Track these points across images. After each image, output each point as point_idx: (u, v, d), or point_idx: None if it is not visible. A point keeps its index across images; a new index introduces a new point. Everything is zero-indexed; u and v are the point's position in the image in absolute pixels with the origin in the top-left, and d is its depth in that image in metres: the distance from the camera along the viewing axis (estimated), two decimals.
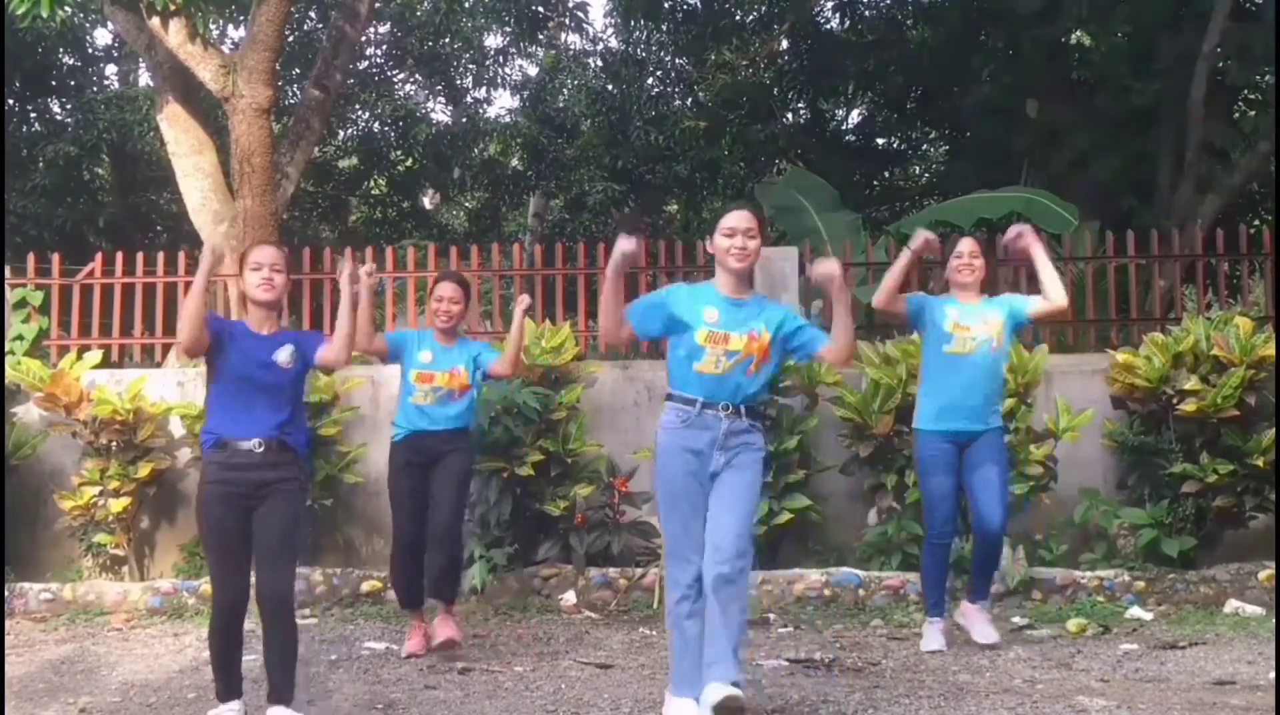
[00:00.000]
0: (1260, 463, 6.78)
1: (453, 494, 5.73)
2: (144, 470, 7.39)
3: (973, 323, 5.46)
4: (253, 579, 4.27)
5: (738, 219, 4.29)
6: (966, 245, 5.62)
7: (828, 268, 4.26)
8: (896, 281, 5.50)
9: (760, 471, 4.33)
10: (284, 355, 4.28)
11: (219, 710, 4.29)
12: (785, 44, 16.77)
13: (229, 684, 4.32)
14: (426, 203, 19.01)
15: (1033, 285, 6.09)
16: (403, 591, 5.84)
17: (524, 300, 5.99)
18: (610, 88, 16.45)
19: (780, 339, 4.30)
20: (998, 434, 5.57)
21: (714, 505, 4.21)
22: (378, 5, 13.84)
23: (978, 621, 5.65)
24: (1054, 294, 5.51)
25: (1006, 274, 8.26)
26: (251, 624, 4.30)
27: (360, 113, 16.71)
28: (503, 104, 45.31)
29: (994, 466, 5.49)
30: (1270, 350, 6.85)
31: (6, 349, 8.03)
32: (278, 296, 4.35)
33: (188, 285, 8.67)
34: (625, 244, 4.09)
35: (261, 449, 4.21)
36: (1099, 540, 7.09)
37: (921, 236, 5.61)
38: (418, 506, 5.74)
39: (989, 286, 5.75)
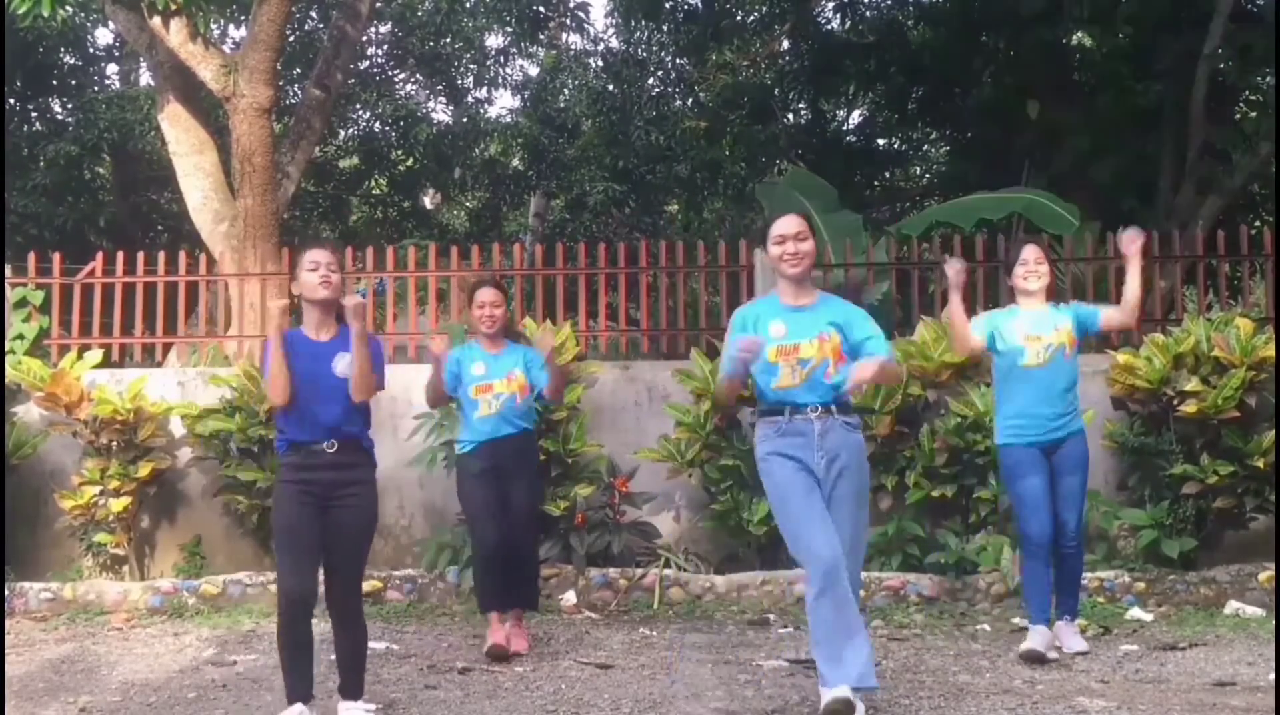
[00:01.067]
0: (1260, 464, 6.77)
1: (527, 507, 5.78)
2: (144, 470, 7.40)
3: (1044, 331, 5.40)
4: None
5: (786, 225, 4.32)
6: (1030, 252, 5.53)
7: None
8: (964, 322, 5.49)
9: (865, 471, 4.38)
10: (342, 365, 4.32)
11: (287, 712, 4.28)
12: (786, 44, 16.78)
13: (297, 686, 4.30)
14: (427, 203, 19.01)
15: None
16: (486, 595, 5.79)
17: (543, 339, 5.85)
18: (611, 88, 16.45)
19: (852, 340, 4.31)
20: (1080, 438, 5.51)
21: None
22: (379, 5, 13.86)
23: (1065, 635, 5.60)
24: (1128, 307, 5.54)
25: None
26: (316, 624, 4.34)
27: (361, 112, 16.72)
28: (503, 104, 45.47)
29: (1077, 477, 5.47)
30: (1271, 351, 6.85)
31: (7, 348, 8.03)
32: (335, 293, 4.38)
33: (188, 285, 8.82)
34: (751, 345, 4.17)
35: (334, 449, 4.27)
36: (1099, 541, 7.08)
37: (955, 271, 5.43)
38: (498, 511, 5.69)
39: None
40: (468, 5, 16.53)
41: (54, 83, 15.15)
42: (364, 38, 13.50)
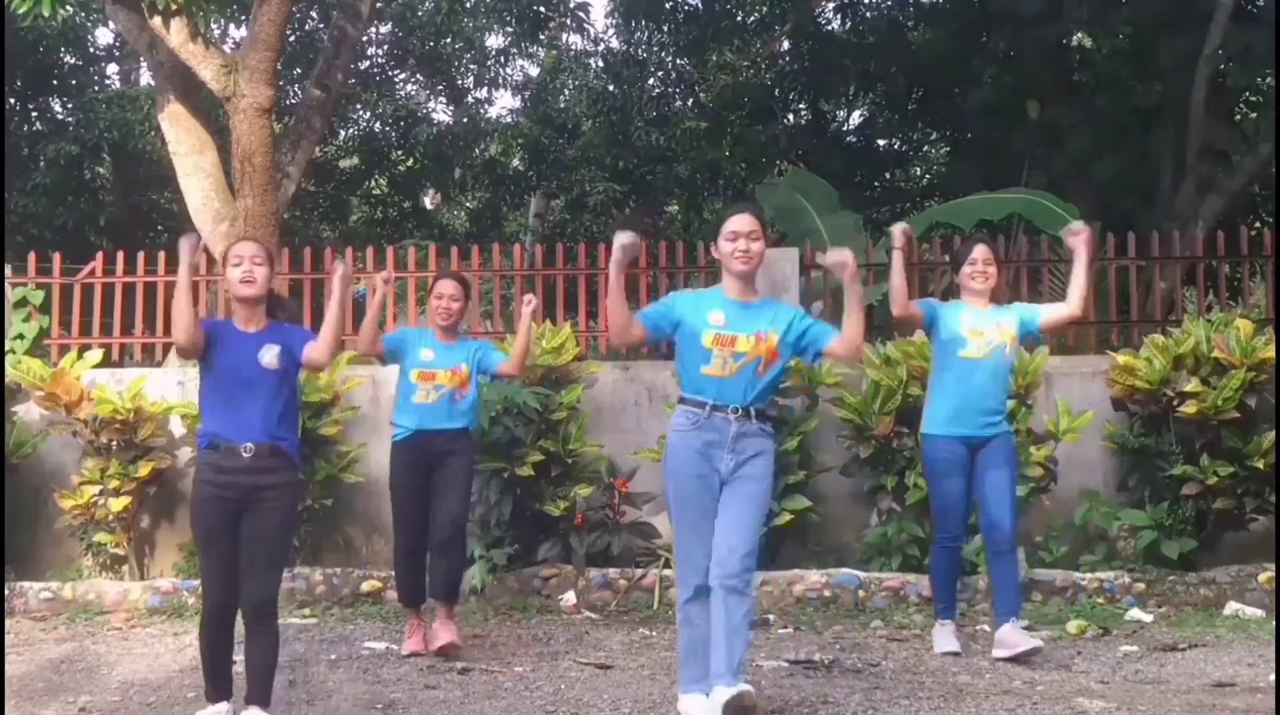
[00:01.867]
0: (1260, 465, 6.77)
1: (457, 499, 5.74)
2: (144, 469, 7.39)
3: (987, 327, 5.43)
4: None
5: (740, 222, 4.32)
6: (980, 252, 5.55)
7: (841, 256, 4.29)
8: (903, 281, 5.49)
9: (770, 479, 4.37)
10: (268, 356, 4.23)
11: (207, 711, 4.28)
12: (786, 45, 16.79)
13: (219, 686, 4.30)
14: (427, 203, 19.02)
15: (1033, 294, 6.03)
16: (406, 591, 5.84)
17: (530, 300, 6.02)
18: (611, 88, 16.46)
19: (789, 341, 4.32)
20: (1007, 438, 5.53)
21: (723, 514, 4.23)
22: (379, 5, 13.85)
23: (1014, 636, 5.37)
24: (1075, 302, 5.52)
25: (1007, 277, 8.24)
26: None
27: (361, 112, 16.72)
28: (504, 104, 45.35)
29: (1004, 472, 5.45)
30: (1270, 352, 6.85)
31: (7, 348, 8.03)
32: (259, 291, 4.27)
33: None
34: (624, 238, 4.15)
35: (251, 454, 4.16)
36: (1099, 542, 7.08)
37: (899, 232, 5.61)
38: (422, 509, 5.73)
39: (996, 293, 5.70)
40: (468, 5, 16.53)
41: (54, 83, 15.13)
42: (364, 38, 13.49)
